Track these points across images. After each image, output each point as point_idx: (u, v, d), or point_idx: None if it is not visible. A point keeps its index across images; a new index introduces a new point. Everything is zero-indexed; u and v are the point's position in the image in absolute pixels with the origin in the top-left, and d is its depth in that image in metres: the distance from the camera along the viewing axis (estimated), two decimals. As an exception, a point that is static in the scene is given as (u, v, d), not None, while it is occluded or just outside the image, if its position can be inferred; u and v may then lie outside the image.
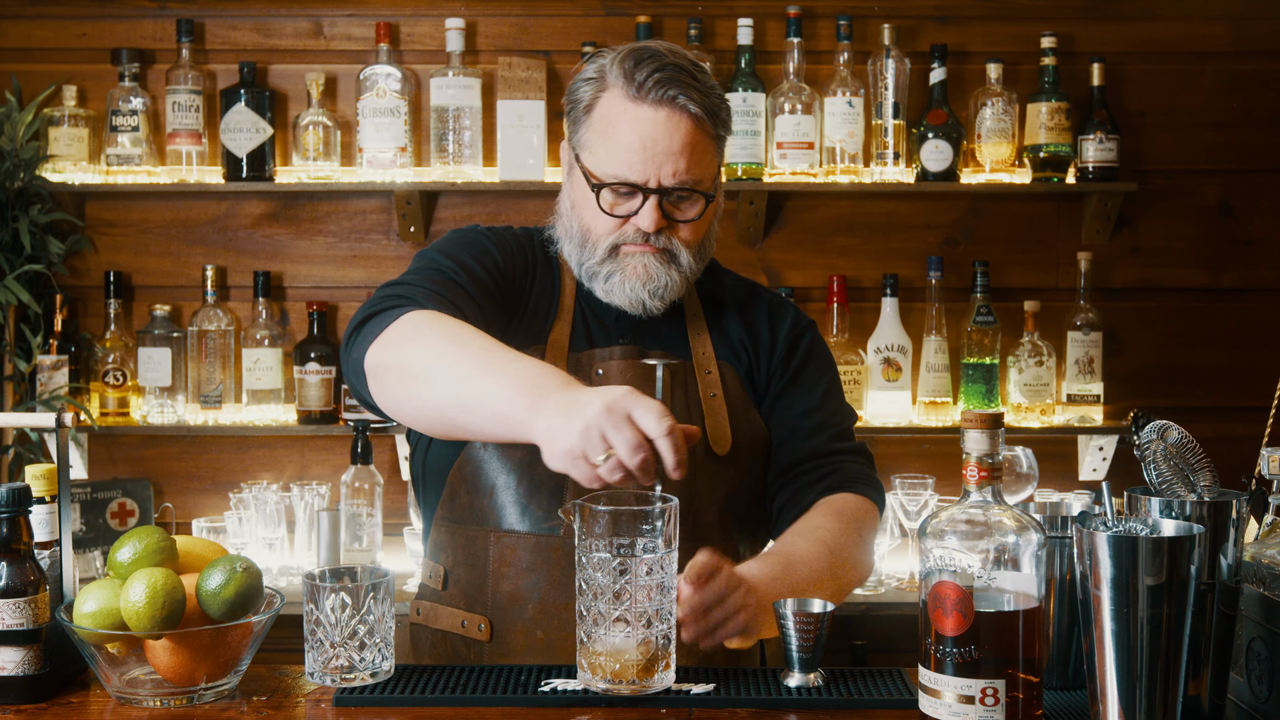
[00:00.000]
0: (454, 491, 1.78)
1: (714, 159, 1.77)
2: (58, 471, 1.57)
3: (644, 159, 1.71)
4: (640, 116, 1.71)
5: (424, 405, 1.58)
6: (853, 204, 3.30)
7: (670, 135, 1.71)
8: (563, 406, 1.43)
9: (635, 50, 1.74)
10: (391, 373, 1.60)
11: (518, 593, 1.73)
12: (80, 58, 3.28)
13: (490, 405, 1.51)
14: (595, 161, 1.75)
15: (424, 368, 1.56)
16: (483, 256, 1.80)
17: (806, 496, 1.79)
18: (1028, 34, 3.26)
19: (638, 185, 1.73)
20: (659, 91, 1.70)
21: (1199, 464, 1.41)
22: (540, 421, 1.45)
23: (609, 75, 1.75)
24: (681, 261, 1.78)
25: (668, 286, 1.78)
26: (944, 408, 3.19)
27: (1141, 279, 3.32)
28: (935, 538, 1.30)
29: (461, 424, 1.57)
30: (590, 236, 1.78)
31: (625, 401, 1.41)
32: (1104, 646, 1.27)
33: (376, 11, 3.28)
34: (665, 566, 1.44)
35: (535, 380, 1.49)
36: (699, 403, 1.80)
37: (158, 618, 1.41)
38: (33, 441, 3.13)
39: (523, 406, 1.47)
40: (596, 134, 1.75)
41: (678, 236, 1.77)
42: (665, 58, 1.72)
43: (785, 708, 1.45)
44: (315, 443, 3.30)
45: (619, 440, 1.39)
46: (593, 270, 1.79)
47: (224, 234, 3.30)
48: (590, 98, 1.76)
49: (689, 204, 1.76)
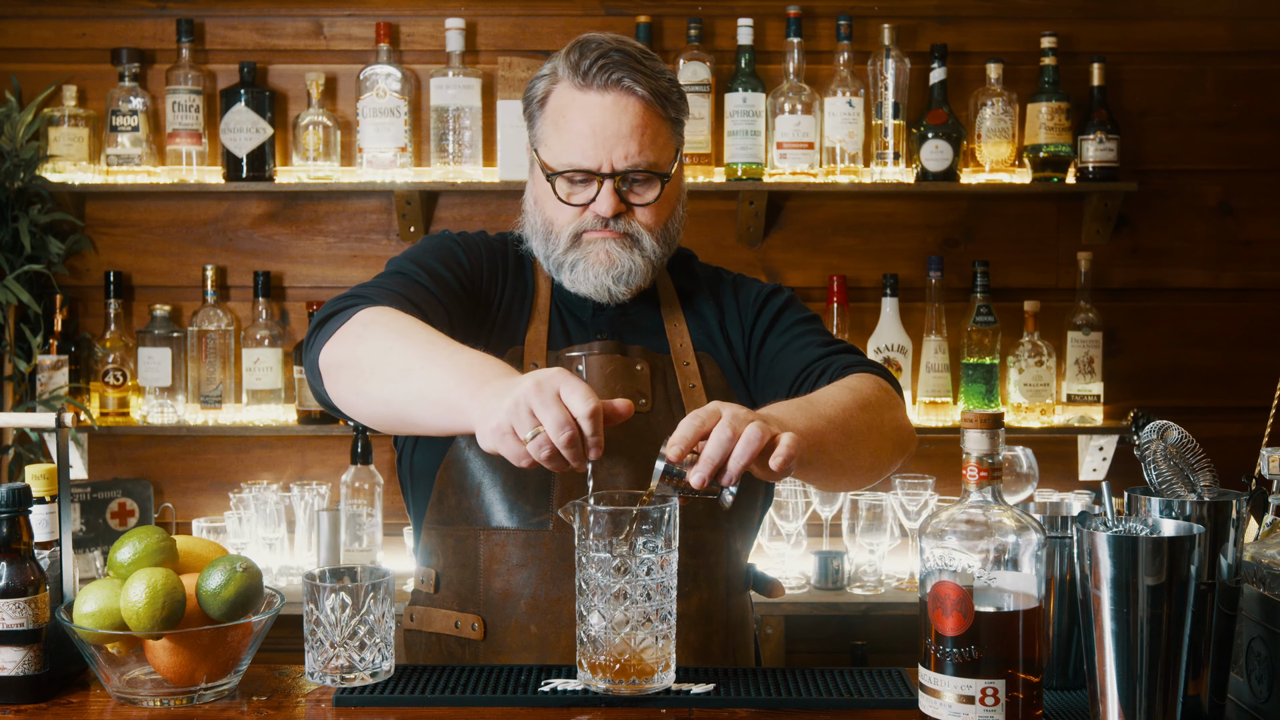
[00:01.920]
0: (441, 493, 1.79)
1: (669, 140, 1.79)
2: (58, 471, 1.57)
3: (595, 144, 1.73)
4: (588, 104, 1.74)
5: (371, 400, 1.60)
6: (853, 204, 3.30)
7: (619, 119, 1.73)
8: (499, 390, 1.44)
9: (581, 41, 1.77)
10: (343, 370, 1.61)
11: (509, 589, 1.74)
12: (80, 58, 3.28)
13: (433, 396, 1.51)
14: (550, 153, 1.77)
15: (371, 364, 1.57)
16: (449, 260, 1.82)
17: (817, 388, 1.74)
18: (1028, 34, 3.26)
19: (592, 171, 1.74)
20: (604, 76, 1.73)
21: (1199, 464, 1.41)
22: (476, 405, 1.45)
23: (559, 69, 1.77)
24: (644, 245, 1.78)
25: (631, 271, 1.78)
26: (944, 408, 3.19)
27: (1141, 279, 3.32)
28: (935, 538, 1.30)
29: (407, 416, 1.57)
30: (553, 228, 1.80)
31: (554, 380, 1.41)
32: (1104, 646, 1.27)
33: (376, 11, 3.28)
34: (665, 566, 1.44)
35: (477, 369, 1.50)
36: (679, 395, 1.81)
37: (158, 618, 1.41)
38: (33, 441, 3.13)
39: (464, 394, 1.48)
40: (550, 126, 1.78)
41: (637, 220, 1.78)
42: (609, 44, 1.75)
43: (785, 708, 1.45)
44: (315, 443, 3.30)
45: (546, 417, 1.39)
46: (558, 261, 1.80)
47: (224, 234, 3.30)
48: (543, 92, 1.79)
49: (644, 186, 1.77)
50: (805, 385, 1.76)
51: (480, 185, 3.15)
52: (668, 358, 1.83)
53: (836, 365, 1.77)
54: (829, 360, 1.78)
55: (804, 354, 1.81)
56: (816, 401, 1.61)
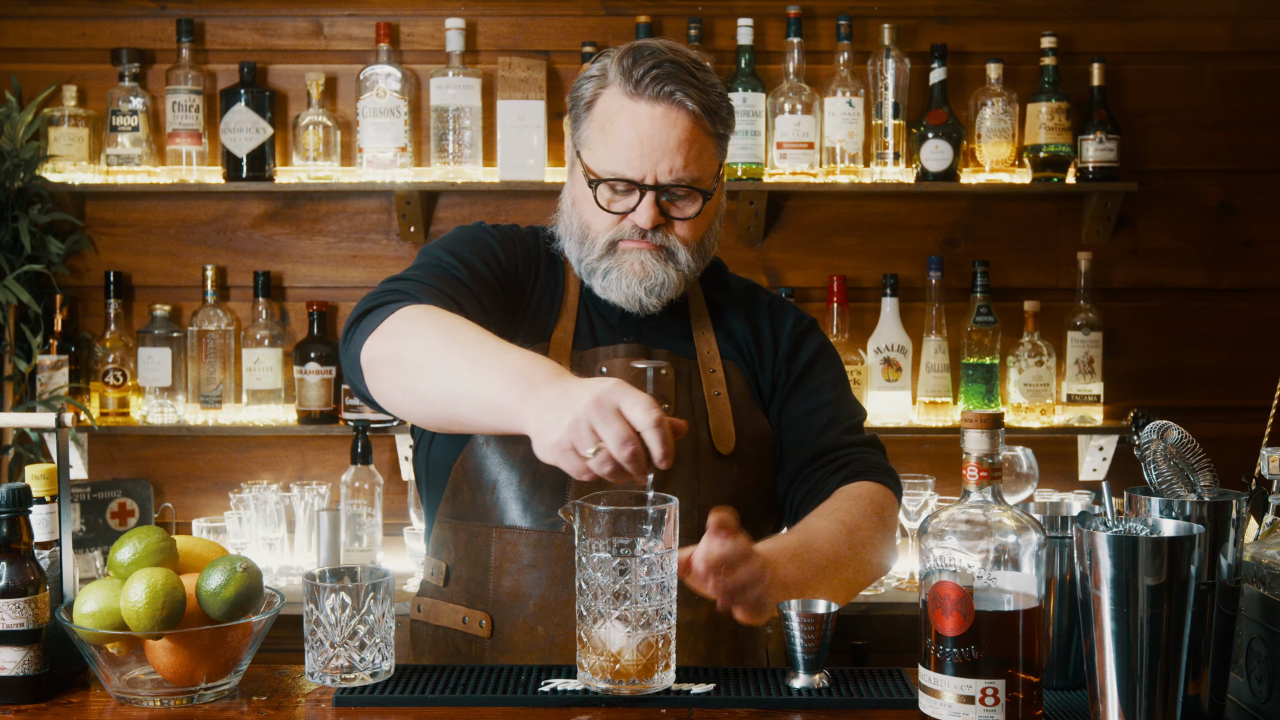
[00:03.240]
0: (456, 488, 1.78)
1: (714, 157, 1.77)
2: (58, 471, 1.57)
3: (641, 155, 1.71)
4: (638, 113, 1.72)
5: (419, 399, 1.59)
6: (853, 204, 3.30)
7: (667, 132, 1.71)
8: (553, 399, 1.43)
9: (635, 47, 1.75)
10: (387, 366, 1.60)
11: (519, 589, 1.73)
12: (80, 58, 3.28)
13: (482, 397, 1.51)
14: (594, 158, 1.75)
15: (417, 362, 1.56)
16: (485, 253, 1.80)
17: (824, 488, 1.78)
18: (1028, 34, 3.26)
19: (635, 182, 1.73)
20: (656, 88, 1.70)
21: (1199, 464, 1.41)
22: (531, 413, 1.45)
23: (609, 72, 1.75)
24: (679, 259, 1.77)
25: (664, 284, 1.77)
26: (944, 408, 3.19)
27: (1141, 279, 3.32)
28: (935, 538, 1.30)
29: (455, 416, 1.57)
30: (589, 233, 1.78)
31: (614, 394, 1.41)
32: (1104, 646, 1.27)
33: (376, 11, 3.28)
34: (665, 566, 1.44)
35: (526, 371, 1.49)
36: (703, 401, 1.80)
37: (158, 618, 1.41)
38: (33, 441, 3.13)
39: (514, 398, 1.47)
40: (596, 131, 1.75)
41: (675, 234, 1.77)
42: (664, 54, 1.73)
43: (785, 708, 1.45)
44: (315, 443, 3.30)
45: (608, 433, 1.39)
46: (591, 266, 1.79)
47: (224, 234, 3.30)
48: (591, 94, 1.77)
49: (686, 202, 1.76)
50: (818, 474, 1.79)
51: (480, 185, 3.15)
52: (693, 363, 1.83)
53: (851, 468, 1.79)
54: (847, 456, 1.80)
55: (824, 437, 1.82)
56: (814, 547, 1.62)
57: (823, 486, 1.79)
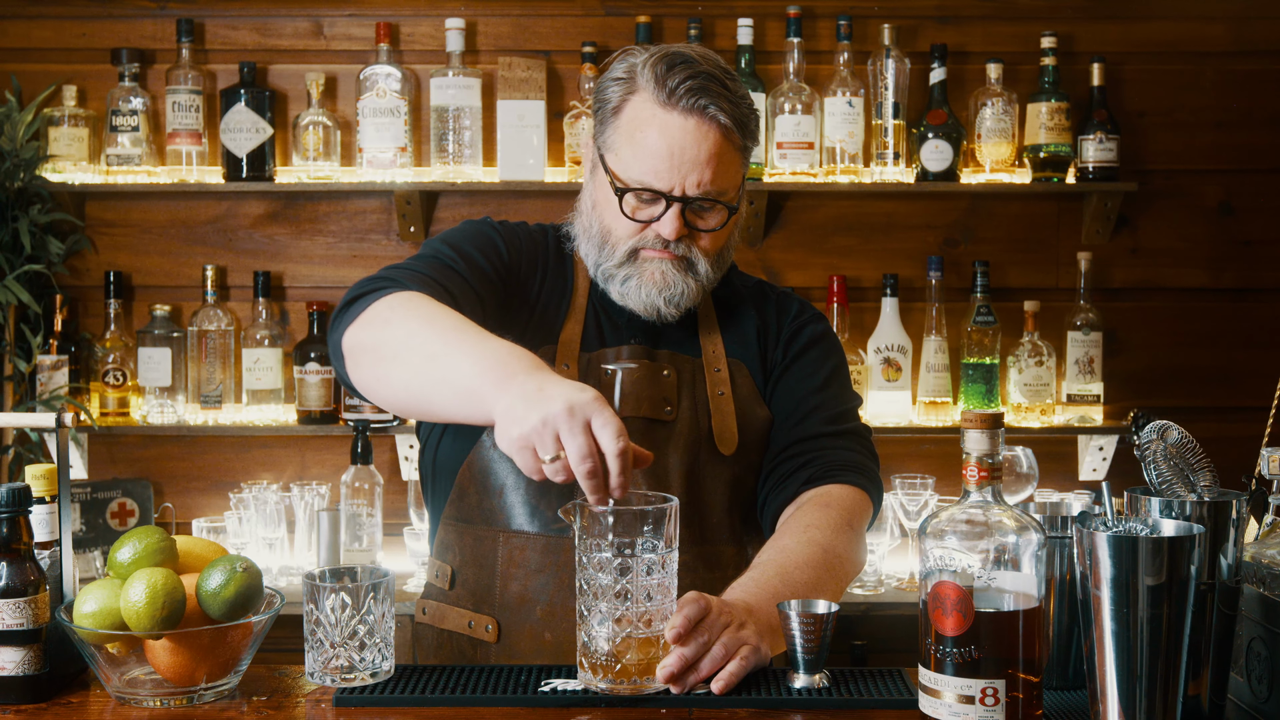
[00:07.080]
0: (463, 490, 1.78)
1: (739, 169, 1.76)
2: (58, 471, 1.57)
3: (670, 167, 1.69)
4: (669, 124, 1.69)
5: (392, 384, 1.58)
6: (853, 204, 3.30)
7: (698, 145, 1.69)
8: (527, 392, 1.41)
9: (668, 55, 1.71)
10: (366, 353, 1.60)
11: (526, 594, 1.73)
12: (80, 58, 3.28)
13: (456, 381, 1.49)
14: (620, 165, 1.73)
15: (394, 348, 1.56)
16: (486, 247, 1.79)
17: (789, 486, 1.77)
18: (1028, 34, 3.26)
19: (662, 193, 1.70)
20: (690, 100, 1.68)
21: (1199, 464, 1.41)
22: (502, 401, 1.42)
23: (639, 78, 1.72)
24: (699, 270, 1.76)
25: (684, 294, 1.76)
26: (944, 408, 3.20)
27: (1141, 279, 3.32)
28: (935, 538, 1.30)
29: (428, 401, 1.55)
30: (610, 238, 1.76)
31: (588, 408, 1.38)
32: (1104, 646, 1.27)
33: (376, 11, 3.28)
34: (666, 566, 1.44)
35: (504, 359, 1.47)
36: (706, 401, 1.79)
37: (158, 618, 1.41)
38: (33, 441, 3.13)
39: (488, 383, 1.45)
40: (624, 137, 1.73)
41: (697, 245, 1.75)
42: (698, 65, 1.70)
43: (785, 708, 1.45)
44: (315, 443, 3.30)
45: (571, 445, 1.37)
46: (609, 272, 1.77)
47: (224, 234, 3.30)
48: (619, 99, 1.74)
49: (711, 214, 1.74)
50: (784, 466, 1.78)
51: (480, 185, 3.15)
52: (698, 362, 1.82)
53: (819, 466, 1.76)
54: (817, 449, 1.78)
55: (803, 426, 1.81)
56: (793, 579, 1.60)
57: (788, 484, 1.77)
